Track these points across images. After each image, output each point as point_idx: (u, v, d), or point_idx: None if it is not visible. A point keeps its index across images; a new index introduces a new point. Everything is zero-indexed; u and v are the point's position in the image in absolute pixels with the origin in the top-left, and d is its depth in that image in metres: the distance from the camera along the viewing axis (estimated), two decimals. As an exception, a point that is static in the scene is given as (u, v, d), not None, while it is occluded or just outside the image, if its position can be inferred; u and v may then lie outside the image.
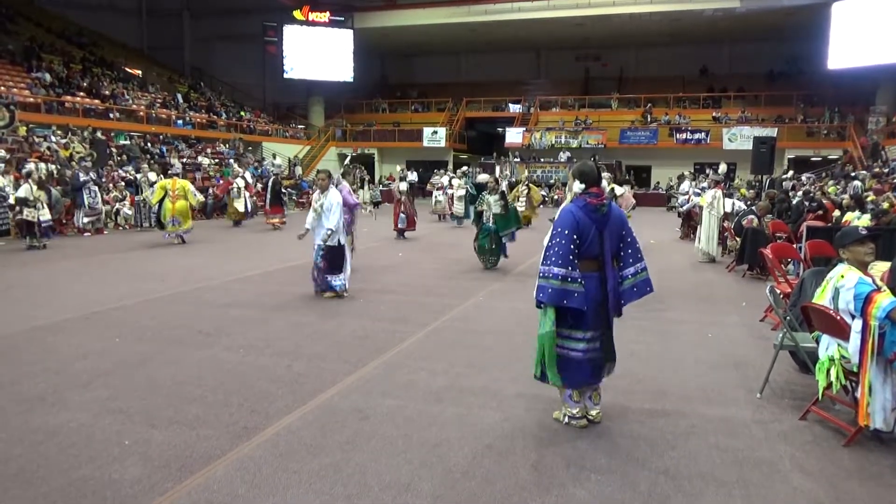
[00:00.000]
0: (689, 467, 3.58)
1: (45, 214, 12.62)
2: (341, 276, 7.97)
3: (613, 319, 4.06)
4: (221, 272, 9.91)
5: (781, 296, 5.67)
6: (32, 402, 4.41)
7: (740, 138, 27.35)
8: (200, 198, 16.71)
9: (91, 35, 30.22)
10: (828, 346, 4.12)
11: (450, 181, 20.44)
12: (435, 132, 32.42)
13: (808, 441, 3.95)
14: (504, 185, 20.01)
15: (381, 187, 27.98)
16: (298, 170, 28.04)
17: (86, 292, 8.29)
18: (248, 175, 19.13)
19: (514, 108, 34.71)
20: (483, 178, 10.55)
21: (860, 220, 9.91)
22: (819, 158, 26.67)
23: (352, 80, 33.96)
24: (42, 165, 14.08)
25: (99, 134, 20.62)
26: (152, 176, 16.99)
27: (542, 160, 31.30)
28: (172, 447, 3.73)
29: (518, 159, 30.01)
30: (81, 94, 23.43)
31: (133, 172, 18.77)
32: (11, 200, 13.28)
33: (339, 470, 3.48)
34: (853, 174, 19.42)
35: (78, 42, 28.58)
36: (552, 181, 29.25)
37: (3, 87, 19.84)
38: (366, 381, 4.92)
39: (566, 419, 4.09)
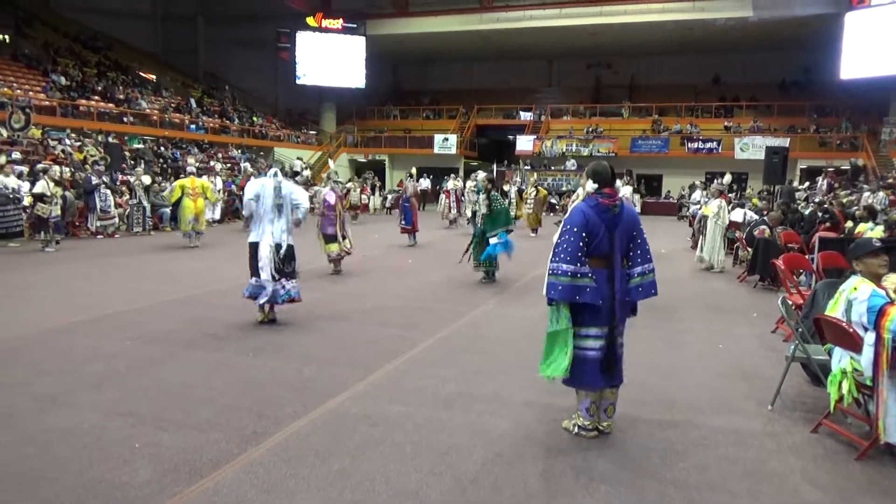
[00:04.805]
0: (698, 479, 3.56)
1: (56, 211, 12.76)
2: (295, 281, 6.99)
3: (626, 320, 4.05)
4: (232, 275, 9.92)
5: (793, 307, 5.64)
6: (44, 402, 4.44)
7: (752, 148, 27.21)
8: (219, 195, 16.87)
9: (106, 39, 30.53)
10: (840, 359, 4.09)
11: (463, 186, 20.48)
12: (446, 139, 32.47)
13: (820, 454, 3.92)
14: (513, 191, 20.18)
15: (392, 193, 28.04)
16: (307, 173, 28.07)
17: (97, 294, 8.35)
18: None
19: (526, 116, 34.71)
20: (480, 176, 10.32)
21: (873, 232, 9.83)
22: (832, 169, 26.54)
23: (363, 86, 34.10)
24: (56, 168, 14.24)
25: (111, 138, 20.81)
26: (146, 179, 17.12)
27: (552, 168, 31.30)
28: (182, 450, 3.74)
29: (528, 167, 30.02)
30: (96, 97, 23.65)
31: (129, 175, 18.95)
32: (26, 202, 13.42)
33: (347, 476, 3.48)
34: (865, 186, 19.27)
35: (93, 46, 28.88)
36: (563, 189, 29.22)
37: (19, 91, 20.08)
38: (375, 387, 4.92)
39: (576, 429, 4.08)
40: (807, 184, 23.45)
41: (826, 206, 14.44)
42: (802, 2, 26.15)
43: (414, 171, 17.25)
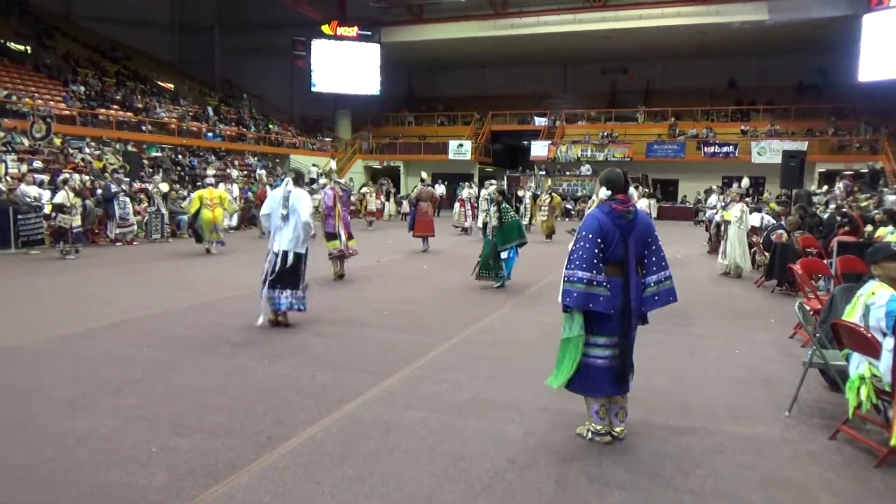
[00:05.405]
0: (714, 486, 3.52)
1: (77, 221, 12.93)
2: (299, 293, 6.99)
3: (637, 328, 4.03)
4: (248, 282, 9.99)
5: (811, 312, 5.58)
6: (63, 407, 4.50)
7: (769, 152, 26.96)
8: (237, 206, 17.01)
9: (125, 49, 30.99)
10: (858, 364, 4.04)
11: (478, 193, 20.48)
12: (461, 145, 32.51)
13: (838, 461, 3.87)
14: (528, 196, 20.11)
15: (407, 200, 28.06)
16: (323, 180, 28.17)
17: (116, 300, 8.45)
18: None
19: (540, 122, 34.66)
20: (491, 188, 10.23)
21: (893, 236, 9.69)
22: (849, 172, 26.23)
23: (378, 93, 34.26)
24: (77, 177, 14.44)
25: (130, 146, 21.07)
26: (164, 187, 17.30)
27: (567, 173, 31.23)
28: (198, 455, 3.77)
29: (543, 172, 29.98)
30: (115, 106, 23.98)
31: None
32: (47, 210, 13.62)
33: (361, 482, 3.49)
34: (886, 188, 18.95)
35: (112, 56, 29.31)
36: (578, 194, 29.14)
37: (40, 100, 20.40)
38: (390, 393, 4.93)
39: (590, 435, 4.06)
40: (825, 187, 23.15)
41: (845, 209, 14.26)
42: (819, 4, 25.93)
43: (424, 174, 17.19)
